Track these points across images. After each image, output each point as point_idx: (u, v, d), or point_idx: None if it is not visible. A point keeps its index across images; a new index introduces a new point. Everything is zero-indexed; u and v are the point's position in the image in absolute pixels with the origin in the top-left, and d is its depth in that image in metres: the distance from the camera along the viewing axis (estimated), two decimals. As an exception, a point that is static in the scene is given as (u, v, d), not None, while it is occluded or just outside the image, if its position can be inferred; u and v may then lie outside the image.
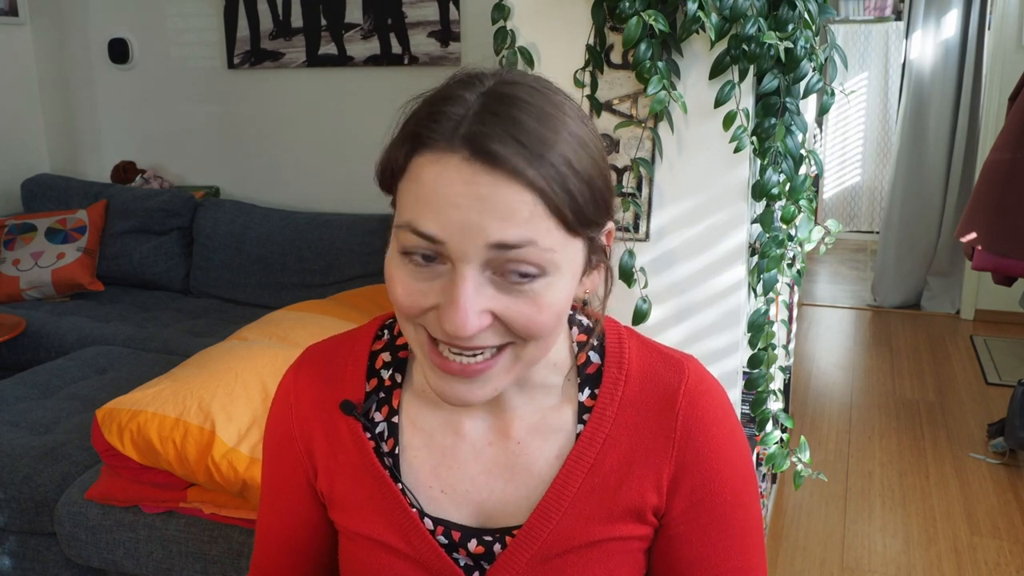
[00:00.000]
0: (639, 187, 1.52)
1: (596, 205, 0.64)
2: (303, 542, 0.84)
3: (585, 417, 0.74)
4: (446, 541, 0.75)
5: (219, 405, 1.63)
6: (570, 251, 0.64)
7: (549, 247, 0.61)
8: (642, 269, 1.50)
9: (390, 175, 0.66)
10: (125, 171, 3.72)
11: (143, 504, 1.74)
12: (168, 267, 3.42)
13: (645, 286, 1.50)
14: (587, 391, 0.75)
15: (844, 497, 2.62)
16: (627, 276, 1.48)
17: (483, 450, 0.75)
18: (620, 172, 1.52)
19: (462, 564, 0.75)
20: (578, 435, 0.73)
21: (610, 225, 0.69)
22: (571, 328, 0.77)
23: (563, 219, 0.62)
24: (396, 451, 0.76)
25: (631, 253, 1.48)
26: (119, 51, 3.67)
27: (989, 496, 2.60)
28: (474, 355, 0.63)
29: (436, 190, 0.60)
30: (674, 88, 1.43)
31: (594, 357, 0.76)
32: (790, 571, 2.25)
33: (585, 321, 0.78)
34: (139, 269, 3.41)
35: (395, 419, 0.77)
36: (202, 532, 1.70)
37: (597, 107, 1.51)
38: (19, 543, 1.91)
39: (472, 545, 0.75)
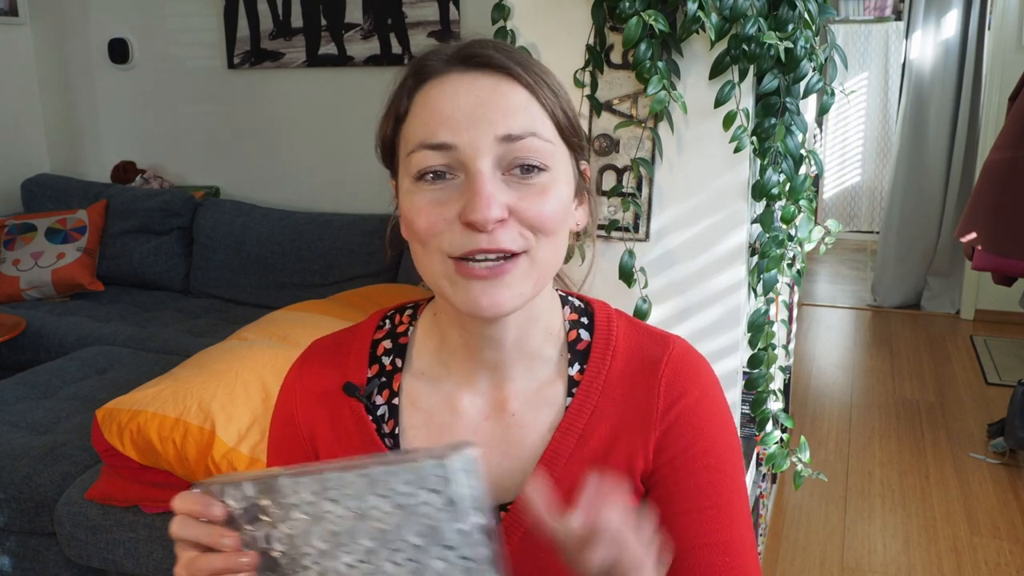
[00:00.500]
0: (639, 187, 1.52)
1: (578, 125, 0.74)
2: None
3: (574, 391, 0.76)
4: None
5: (219, 405, 1.63)
6: (564, 157, 0.72)
7: (548, 139, 0.69)
8: (642, 269, 1.50)
9: (394, 124, 0.72)
10: (125, 171, 3.72)
11: (143, 504, 1.74)
12: (168, 267, 3.42)
13: (645, 286, 1.50)
14: (576, 366, 0.78)
15: (844, 497, 2.62)
16: (627, 276, 1.48)
17: (480, 425, 0.77)
18: (620, 172, 1.52)
19: None
20: (566, 408, 0.76)
21: (584, 164, 0.77)
22: (564, 307, 0.81)
23: (555, 120, 0.71)
24: (396, 432, 0.79)
25: (631, 253, 1.48)
26: (119, 51, 3.66)
27: (989, 496, 2.60)
28: (497, 258, 0.67)
29: (442, 102, 0.68)
30: (674, 88, 1.43)
31: (584, 335, 0.80)
32: (790, 571, 2.25)
33: (577, 302, 0.82)
34: (139, 269, 3.41)
35: (395, 401, 0.80)
36: (202, 532, 1.70)
37: (597, 107, 1.50)
38: (19, 543, 1.91)
39: None
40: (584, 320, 0.80)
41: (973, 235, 2.80)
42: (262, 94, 3.53)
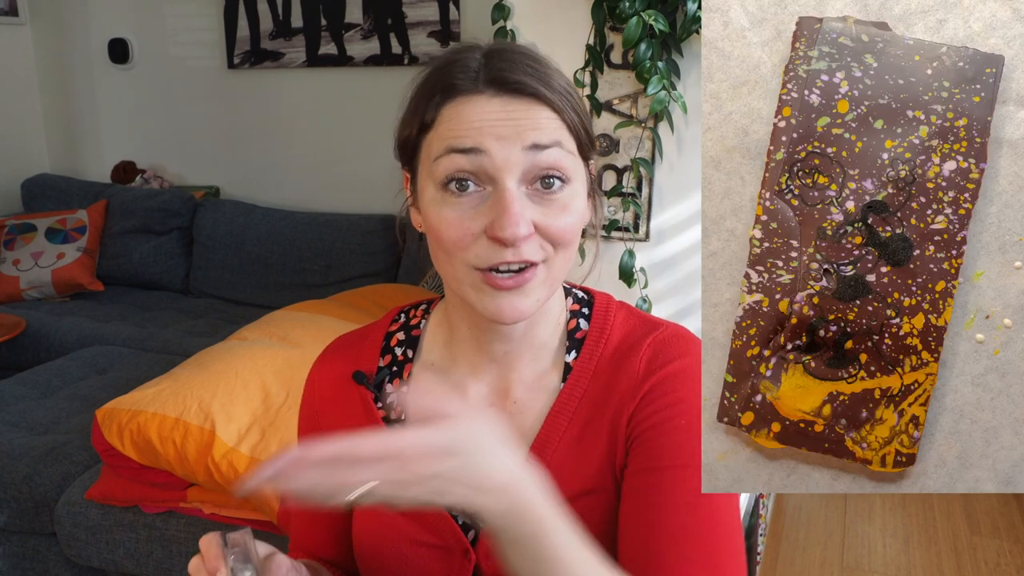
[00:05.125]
0: (639, 187, 1.52)
1: (591, 130, 0.77)
2: (328, 517, 0.89)
3: (568, 376, 0.80)
4: None
5: (219, 405, 1.63)
6: (581, 169, 0.75)
7: (571, 151, 0.72)
8: (642, 269, 1.50)
9: (418, 130, 0.73)
10: (125, 171, 3.72)
11: (143, 504, 1.74)
12: (168, 267, 3.42)
13: (645, 286, 1.50)
14: (573, 353, 0.81)
15: (844, 497, 2.62)
16: (627, 276, 1.48)
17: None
18: (620, 172, 1.53)
19: (460, 522, 0.79)
20: (559, 393, 0.79)
21: (592, 162, 0.80)
22: (567, 298, 0.84)
23: (576, 136, 0.73)
24: (404, 418, 0.80)
25: (631, 253, 1.48)
26: (119, 51, 3.66)
27: (989, 496, 2.60)
28: (520, 269, 0.70)
29: (473, 118, 0.69)
30: (674, 88, 1.43)
31: (583, 324, 0.83)
32: (790, 571, 2.25)
33: (580, 293, 0.86)
34: (139, 269, 3.41)
35: (404, 389, 0.81)
36: (202, 532, 1.69)
37: (597, 107, 1.51)
38: (19, 543, 1.91)
39: None
40: (584, 311, 0.83)
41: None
42: (262, 94, 3.52)
